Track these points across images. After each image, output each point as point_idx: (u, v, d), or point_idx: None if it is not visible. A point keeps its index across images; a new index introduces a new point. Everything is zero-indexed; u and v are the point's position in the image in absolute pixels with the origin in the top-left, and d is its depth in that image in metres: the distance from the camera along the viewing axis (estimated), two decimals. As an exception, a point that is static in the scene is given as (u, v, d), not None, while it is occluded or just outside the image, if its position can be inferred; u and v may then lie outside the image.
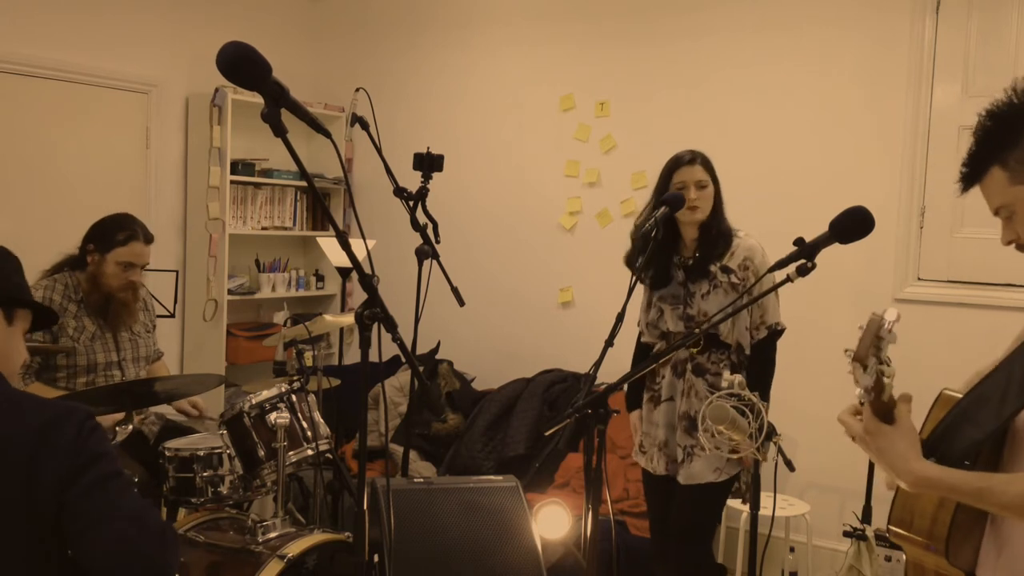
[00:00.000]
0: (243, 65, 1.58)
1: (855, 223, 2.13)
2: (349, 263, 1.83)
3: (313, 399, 3.19)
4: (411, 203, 3.18)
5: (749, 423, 2.21)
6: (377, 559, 2.67)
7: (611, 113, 4.80)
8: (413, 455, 4.54)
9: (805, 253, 2.14)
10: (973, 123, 1.54)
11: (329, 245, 4.38)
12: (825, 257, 2.17)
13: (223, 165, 5.06)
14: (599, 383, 2.47)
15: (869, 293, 4.08)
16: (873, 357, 1.38)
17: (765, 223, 3.51)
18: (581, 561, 2.67)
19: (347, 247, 1.80)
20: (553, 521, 3.22)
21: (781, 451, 2.31)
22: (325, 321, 3.83)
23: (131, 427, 2.89)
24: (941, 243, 3.98)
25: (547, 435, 3.87)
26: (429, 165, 3.28)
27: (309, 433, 3.07)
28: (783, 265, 2.16)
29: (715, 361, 3.00)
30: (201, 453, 2.99)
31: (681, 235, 3.05)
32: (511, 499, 2.88)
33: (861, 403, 1.45)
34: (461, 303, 3.18)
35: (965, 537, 1.53)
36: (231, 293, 5.23)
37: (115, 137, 4.95)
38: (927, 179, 3.99)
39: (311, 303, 5.86)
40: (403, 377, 4.93)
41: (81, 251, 3.39)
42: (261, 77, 1.60)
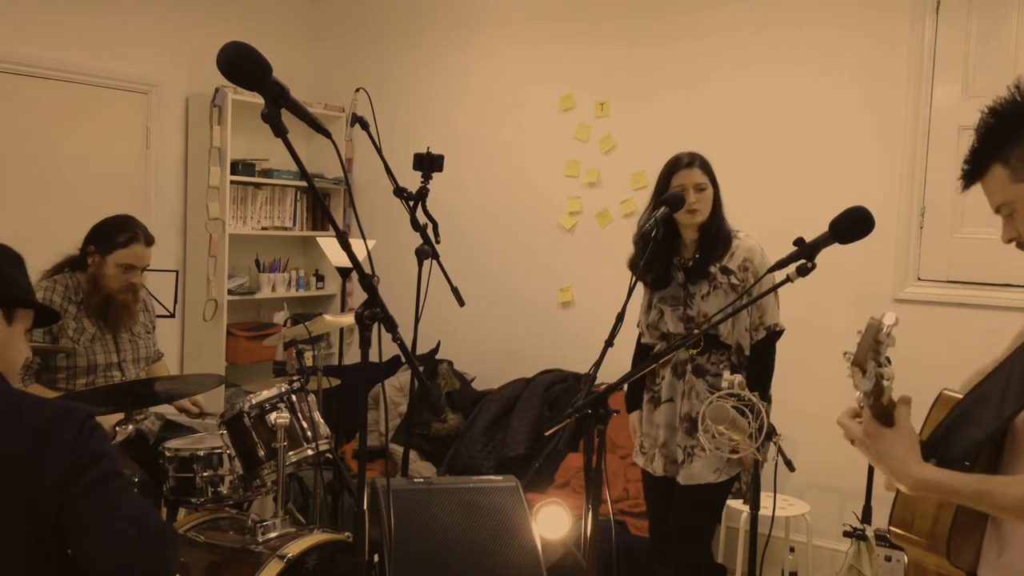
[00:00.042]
0: (243, 65, 1.58)
1: (855, 223, 2.13)
2: (349, 263, 1.83)
3: (313, 399, 3.19)
4: (411, 203, 3.18)
5: (749, 423, 2.21)
6: (377, 559, 2.67)
7: (611, 113, 4.80)
8: (413, 455, 4.54)
9: (805, 253, 2.14)
10: (973, 123, 1.55)
11: (329, 245, 4.38)
12: (825, 257, 2.17)
13: (223, 165, 5.06)
14: (599, 383, 2.48)
15: (869, 293, 4.08)
16: (872, 361, 1.37)
17: (765, 223, 3.51)
18: (581, 561, 2.67)
19: (347, 247, 1.80)
20: (553, 521, 3.22)
21: (781, 451, 2.31)
22: (325, 321, 3.82)
23: (131, 427, 2.89)
24: (941, 243, 3.98)
25: (547, 435, 3.88)
26: (429, 165, 3.28)
27: (309, 433, 3.07)
28: (783, 265, 2.16)
29: (715, 362, 3.00)
30: (201, 453, 3.00)
31: (681, 236, 3.05)
32: (511, 499, 2.88)
33: (860, 406, 1.45)
34: (461, 303, 3.18)
35: (966, 537, 1.52)
36: (231, 293, 5.23)
37: (115, 137, 4.95)
38: (927, 179, 3.98)
39: (311, 303, 5.86)
40: (403, 377, 4.93)
41: (82, 252, 3.39)
42: (261, 77, 1.60)
